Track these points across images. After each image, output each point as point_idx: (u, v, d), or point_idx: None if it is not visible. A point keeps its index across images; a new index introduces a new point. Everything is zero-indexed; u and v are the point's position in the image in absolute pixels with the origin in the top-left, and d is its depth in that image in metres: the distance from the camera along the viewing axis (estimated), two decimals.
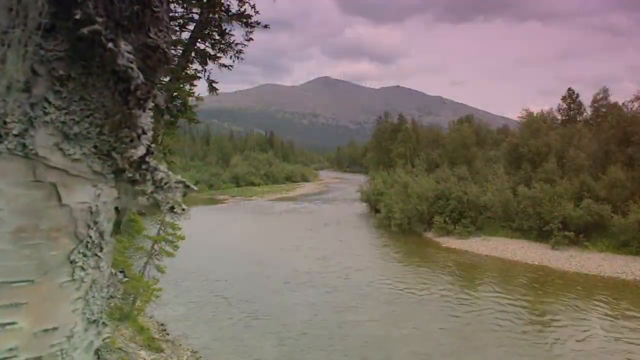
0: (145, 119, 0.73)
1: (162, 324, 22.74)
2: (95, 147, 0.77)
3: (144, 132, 0.73)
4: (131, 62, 0.69)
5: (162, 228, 22.95)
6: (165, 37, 0.87)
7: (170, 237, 22.65)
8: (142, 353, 17.46)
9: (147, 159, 0.74)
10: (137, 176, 0.74)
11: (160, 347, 19.08)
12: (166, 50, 0.86)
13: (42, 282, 0.73)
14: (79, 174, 0.76)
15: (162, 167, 0.76)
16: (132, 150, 0.73)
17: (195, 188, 0.79)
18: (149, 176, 0.74)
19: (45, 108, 0.73)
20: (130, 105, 0.71)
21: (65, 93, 0.74)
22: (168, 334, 21.59)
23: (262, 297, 26.56)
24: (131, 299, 20.87)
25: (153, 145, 0.75)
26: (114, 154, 0.76)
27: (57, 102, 0.73)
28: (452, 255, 38.45)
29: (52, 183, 0.74)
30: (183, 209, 0.77)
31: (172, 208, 0.76)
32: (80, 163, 0.76)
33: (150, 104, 0.74)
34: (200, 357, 19.50)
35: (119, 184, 0.77)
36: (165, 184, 0.75)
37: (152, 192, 0.75)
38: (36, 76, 0.72)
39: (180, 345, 20.39)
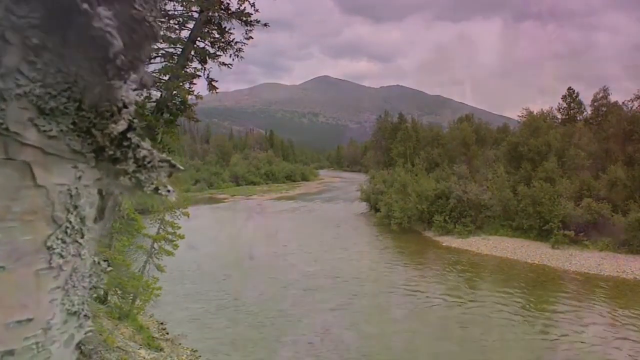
0: (127, 92, 0.68)
1: (161, 323, 22.72)
2: (73, 123, 0.71)
3: (125, 106, 0.67)
4: (109, 27, 0.64)
5: (162, 227, 22.92)
6: (152, 9, 0.81)
7: (170, 236, 22.62)
8: (142, 352, 17.42)
9: (128, 134, 0.68)
10: (118, 154, 0.68)
11: (159, 346, 19.05)
12: (153, 23, 0.80)
13: (14, 269, 0.67)
14: (56, 153, 0.71)
15: (145, 144, 0.71)
16: (113, 125, 0.68)
17: (182, 167, 0.73)
18: (130, 154, 0.68)
19: (18, 80, 0.67)
20: (109, 76, 0.65)
21: (40, 64, 0.68)
22: (167, 333, 21.57)
23: (264, 300, 26.45)
24: (131, 298, 20.84)
25: (135, 120, 0.69)
26: (93, 130, 0.70)
27: (32, 73, 0.68)
28: (453, 254, 38.39)
29: (26, 162, 0.68)
30: (168, 191, 0.71)
31: (156, 189, 0.70)
32: (57, 141, 0.70)
33: (133, 76, 0.69)
34: (200, 356, 19.47)
35: (100, 164, 0.72)
36: (149, 162, 0.69)
37: (134, 172, 0.69)
38: (7, 45, 0.66)
39: (179, 344, 20.36)
